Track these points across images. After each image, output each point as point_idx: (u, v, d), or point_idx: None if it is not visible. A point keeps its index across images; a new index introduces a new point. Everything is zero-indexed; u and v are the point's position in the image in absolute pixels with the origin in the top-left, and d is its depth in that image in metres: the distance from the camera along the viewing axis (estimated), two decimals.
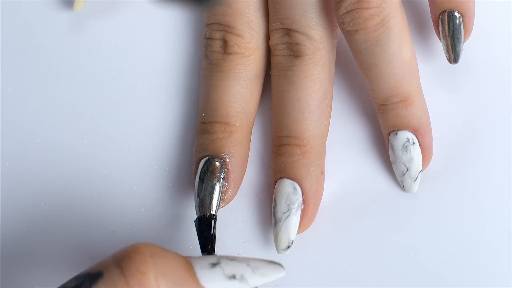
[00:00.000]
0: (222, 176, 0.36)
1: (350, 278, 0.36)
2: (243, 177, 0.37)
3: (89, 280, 0.27)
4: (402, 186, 0.37)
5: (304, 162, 0.36)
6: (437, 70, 0.40)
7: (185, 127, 0.40)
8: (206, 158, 0.36)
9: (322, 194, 0.37)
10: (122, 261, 0.27)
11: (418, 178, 0.37)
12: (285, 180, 0.36)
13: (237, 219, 0.38)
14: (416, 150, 0.37)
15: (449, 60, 0.38)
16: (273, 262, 0.30)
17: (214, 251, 0.34)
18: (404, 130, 0.37)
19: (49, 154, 0.39)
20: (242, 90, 0.37)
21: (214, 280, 0.28)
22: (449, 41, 0.38)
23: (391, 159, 0.37)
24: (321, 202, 0.37)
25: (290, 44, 0.37)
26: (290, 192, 0.36)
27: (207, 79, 0.37)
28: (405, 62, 0.36)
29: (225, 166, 0.36)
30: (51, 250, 0.37)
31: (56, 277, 0.37)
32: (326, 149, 0.38)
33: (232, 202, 0.37)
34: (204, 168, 0.36)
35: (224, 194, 0.36)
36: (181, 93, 0.40)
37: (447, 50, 0.38)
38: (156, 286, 0.27)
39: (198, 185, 0.36)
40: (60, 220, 0.38)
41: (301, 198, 0.36)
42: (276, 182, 0.36)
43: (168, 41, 0.41)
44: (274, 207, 0.36)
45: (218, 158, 0.36)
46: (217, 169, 0.36)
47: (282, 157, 0.36)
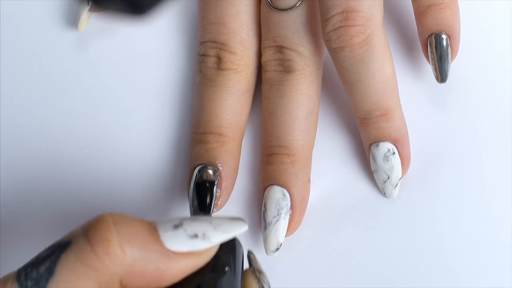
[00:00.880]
0: (215, 183, 0.36)
1: (333, 278, 0.37)
2: (234, 184, 0.38)
3: (59, 248, 0.26)
4: (383, 192, 0.38)
5: (293, 170, 0.37)
6: (420, 87, 0.40)
7: (179, 138, 0.40)
8: (200, 166, 0.36)
9: (308, 200, 0.38)
10: (88, 230, 0.27)
11: (398, 185, 0.37)
12: (275, 186, 0.36)
13: None
14: (396, 160, 0.37)
15: (437, 79, 0.38)
16: (235, 218, 0.29)
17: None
18: (385, 141, 0.37)
19: (49, 163, 0.39)
20: (234, 103, 0.37)
21: (177, 241, 0.28)
22: (437, 62, 0.38)
23: (373, 168, 0.38)
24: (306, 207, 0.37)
25: (282, 60, 0.37)
26: (280, 198, 0.36)
27: (202, 93, 0.38)
28: (386, 78, 0.36)
29: (218, 174, 0.36)
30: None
31: None
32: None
33: (221, 210, 0.37)
34: (198, 176, 0.36)
35: (217, 200, 0.36)
36: (175, 106, 0.40)
37: (436, 70, 0.38)
38: (120, 251, 0.26)
39: (193, 191, 0.36)
40: (59, 227, 0.38)
41: (289, 204, 0.36)
42: (265, 188, 0.37)
43: (163, 58, 0.41)
44: (264, 212, 0.36)
45: (211, 167, 0.36)
46: (210, 177, 0.36)
47: (272, 165, 0.37)
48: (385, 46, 0.36)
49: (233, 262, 0.29)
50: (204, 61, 0.38)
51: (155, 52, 0.41)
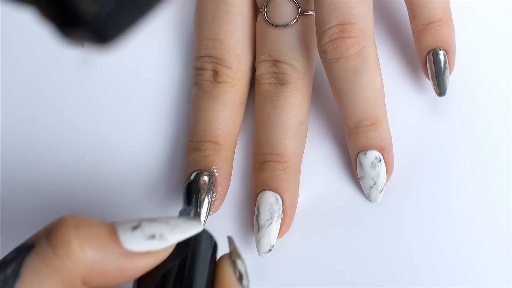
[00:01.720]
0: (211, 188, 0.36)
1: (319, 278, 0.37)
2: (228, 189, 0.38)
3: (23, 251, 0.26)
4: (368, 197, 0.38)
5: (285, 176, 0.37)
6: (402, 97, 0.40)
7: (175, 146, 0.40)
8: (197, 172, 0.37)
9: (297, 205, 0.38)
10: (49, 233, 0.26)
11: (383, 190, 0.38)
12: (268, 192, 0.37)
13: (219, 227, 0.38)
14: (382, 167, 0.38)
15: (437, 93, 0.38)
16: (192, 219, 0.29)
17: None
18: (372, 149, 0.37)
19: (51, 170, 0.39)
20: (229, 114, 0.38)
21: (135, 241, 0.28)
22: (435, 77, 0.38)
23: (360, 175, 0.38)
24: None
25: (277, 73, 0.38)
26: (273, 202, 0.37)
27: (198, 104, 0.38)
28: (376, 89, 0.37)
29: (214, 179, 0.37)
30: None
31: None
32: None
33: (216, 213, 0.38)
34: (193, 183, 0.36)
35: (212, 204, 0.37)
36: (171, 116, 0.41)
37: (435, 85, 0.38)
38: (81, 253, 0.26)
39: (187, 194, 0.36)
40: None
41: (281, 208, 0.37)
42: (258, 194, 0.37)
43: (160, 71, 0.41)
44: (258, 216, 0.37)
45: (207, 172, 0.37)
46: (206, 182, 0.36)
47: (265, 171, 0.37)
48: (376, 58, 0.37)
49: (196, 253, 0.29)
50: (201, 74, 0.38)
51: (153, 66, 0.41)
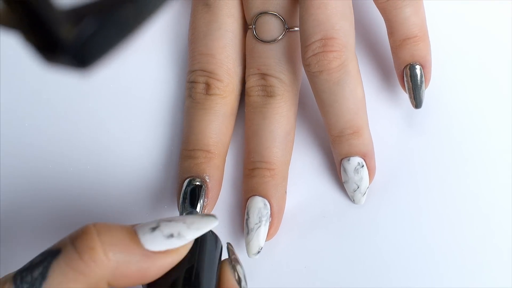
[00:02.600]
0: (203, 194, 0.37)
1: (305, 278, 0.38)
2: (219, 195, 0.38)
3: (51, 255, 0.27)
4: (352, 200, 0.38)
5: (273, 183, 0.37)
6: (385, 109, 0.41)
7: (170, 155, 0.40)
8: (190, 178, 0.37)
9: (284, 209, 0.38)
10: (75, 240, 0.27)
11: (366, 193, 0.38)
12: (257, 197, 0.37)
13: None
14: (364, 171, 0.38)
15: (413, 106, 0.39)
16: (206, 215, 0.30)
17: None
18: (355, 156, 0.38)
19: (51, 174, 0.40)
20: (220, 124, 0.38)
21: (155, 242, 0.28)
22: (412, 91, 0.38)
23: (344, 179, 0.38)
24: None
25: (265, 86, 0.38)
26: (261, 207, 0.37)
27: (191, 115, 0.38)
28: (358, 100, 0.37)
29: (205, 185, 0.37)
30: None
31: None
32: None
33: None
34: (187, 187, 0.37)
35: (204, 208, 0.37)
36: (166, 127, 0.41)
37: (411, 98, 0.39)
38: (105, 257, 0.27)
39: (182, 201, 0.37)
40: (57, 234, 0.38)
41: (269, 212, 0.37)
42: (248, 199, 0.37)
43: (156, 85, 0.42)
44: (247, 219, 0.37)
45: (199, 179, 0.37)
46: (196, 190, 0.37)
47: (254, 178, 0.37)
48: (357, 71, 0.37)
49: (207, 255, 0.30)
50: (194, 87, 0.39)
51: (150, 80, 0.42)
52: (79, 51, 0.16)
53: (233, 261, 0.31)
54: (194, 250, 0.29)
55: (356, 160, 0.38)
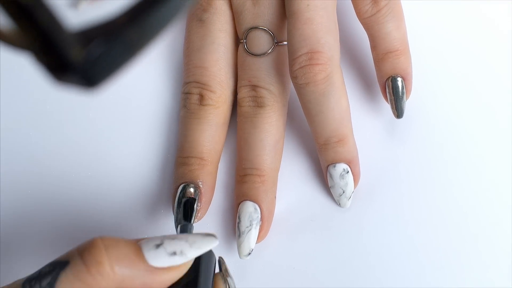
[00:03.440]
0: (196, 198, 0.37)
1: (293, 279, 0.38)
2: (212, 199, 0.38)
3: (59, 266, 0.27)
4: (338, 204, 0.39)
5: (263, 188, 0.37)
6: (369, 119, 0.41)
7: (165, 162, 0.41)
8: (184, 184, 0.37)
9: (274, 213, 0.39)
10: (83, 253, 0.27)
11: (351, 197, 0.39)
12: (247, 202, 0.37)
13: None
14: (349, 177, 0.38)
15: (395, 115, 0.39)
16: (208, 234, 0.30)
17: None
18: (340, 162, 0.38)
19: (50, 180, 0.40)
20: (213, 133, 0.38)
21: (158, 258, 0.28)
22: (394, 101, 0.39)
23: (330, 184, 0.38)
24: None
25: (256, 97, 0.38)
26: (252, 211, 0.37)
27: (186, 124, 0.39)
28: (343, 110, 0.37)
29: (199, 191, 0.37)
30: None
31: None
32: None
33: (201, 221, 0.38)
34: (181, 193, 0.37)
35: (197, 212, 0.37)
36: (162, 135, 0.41)
37: (393, 108, 0.39)
38: (111, 271, 0.27)
39: (177, 205, 0.37)
40: (57, 240, 0.39)
41: (259, 216, 0.37)
42: (239, 203, 0.37)
43: (153, 96, 0.42)
44: (239, 223, 0.37)
45: (193, 185, 0.37)
46: (191, 194, 0.37)
47: (245, 184, 0.38)
48: (342, 82, 0.37)
49: (204, 269, 0.30)
50: (188, 98, 0.39)
51: (147, 91, 0.42)
52: (88, 72, 0.16)
53: (224, 273, 0.31)
54: (193, 265, 0.30)
55: (341, 166, 0.38)
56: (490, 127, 0.41)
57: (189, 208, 0.36)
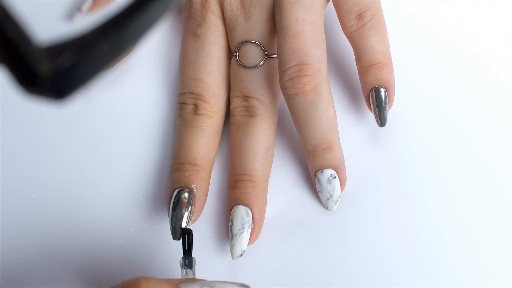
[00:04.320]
0: (190, 202, 0.37)
1: (282, 278, 0.38)
2: (205, 204, 0.38)
3: None
4: (326, 207, 0.39)
5: (254, 193, 0.38)
6: (356, 127, 0.41)
7: (161, 168, 0.41)
8: (179, 189, 0.37)
9: (265, 217, 0.39)
10: None
11: (338, 201, 0.39)
12: (240, 206, 0.37)
13: (200, 235, 0.39)
14: (336, 182, 0.38)
15: (378, 124, 0.39)
16: (243, 285, 0.30)
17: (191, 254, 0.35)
18: (328, 168, 0.38)
19: (50, 186, 0.40)
20: (206, 141, 0.38)
21: None
22: (377, 111, 0.39)
23: (318, 189, 0.39)
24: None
25: (248, 107, 0.38)
26: (244, 215, 0.37)
27: (181, 132, 0.39)
28: (330, 118, 0.38)
29: (193, 195, 0.37)
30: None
31: None
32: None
33: (196, 224, 0.38)
34: (176, 197, 0.37)
35: (191, 216, 0.37)
36: (159, 143, 0.41)
37: (376, 117, 0.39)
38: None
39: (172, 208, 0.37)
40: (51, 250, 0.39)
41: (251, 220, 0.37)
42: (232, 207, 0.38)
43: (151, 106, 0.42)
44: (231, 226, 0.37)
45: (187, 189, 0.37)
46: (186, 198, 0.37)
47: (238, 189, 0.38)
48: (329, 93, 0.37)
49: None
50: (184, 108, 0.39)
51: (144, 101, 0.42)
52: (56, 85, 0.16)
53: None
54: None
55: (329, 172, 0.38)
56: (469, 133, 0.41)
57: (187, 240, 0.35)
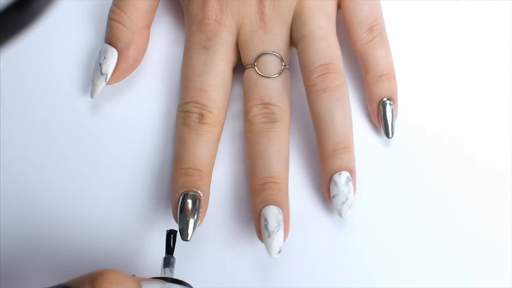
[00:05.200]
0: (197, 206, 0.37)
1: (287, 280, 0.38)
2: (208, 207, 0.38)
3: None
4: (339, 213, 0.38)
5: (281, 194, 0.37)
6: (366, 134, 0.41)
7: (161, 173, 0.41)
8: (186, 193, 0.37)
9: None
10: (94, 283, 0.27)
11: (352, 206, 0.38)
12: (271, 205, 0.37)
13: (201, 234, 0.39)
14: (351, 185, 0.37)
15: (386, 135, 0.39)
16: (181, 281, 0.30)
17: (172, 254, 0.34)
18: (345, 170, 0.38)
19: (50, 189, 0.39)
20: (209, 148, 0.38)
21: None
22: (383, 123, 0.39)
23: (334, 193, 0.38)
24: None
25: (268, 113, 0.38)
26: (277, 213, 0.36)
27: (186, 139, 0.38)
28: (350, 118, 0.38)
29: (199, 199, 0.37)
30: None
31: None
32: None
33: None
34: (183, 201, 0.36)
35: (198, 219, 0.37)
36: (159, 149, 0.42)
37: (385, 128, 0.39)
38: None
39: (180, 212, 0.36)
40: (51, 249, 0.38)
41: (283, 218, 0.37)
42: (262, 209, 0.37)
43: (151, 115, 0.42)
44: (266, 225, 0.36)
45: (194, 193, 0.37)
46: (195, 202, 0.37)
47: (266, 191, 0.37)
48: (348, 94, 0.39)
49: None
50: (188, 116, 0.39)
51: (144, 110, 0.42)
52: None
53: None
54: None
55: (345, 174, 0.38)
56: (471, 134, 0.41)
57: (172, 240, 0.34)
